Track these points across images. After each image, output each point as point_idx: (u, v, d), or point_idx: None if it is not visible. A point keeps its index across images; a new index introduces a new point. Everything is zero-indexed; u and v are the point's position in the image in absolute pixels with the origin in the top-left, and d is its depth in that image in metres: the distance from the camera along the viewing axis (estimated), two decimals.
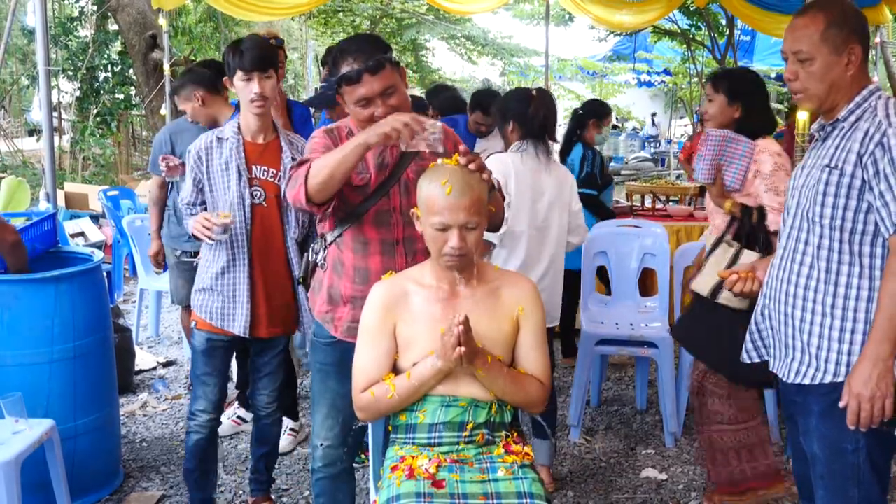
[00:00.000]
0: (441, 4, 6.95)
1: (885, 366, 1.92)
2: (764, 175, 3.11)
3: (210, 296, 2.96)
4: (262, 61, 2.86)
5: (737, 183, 3.15)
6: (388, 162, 2.44)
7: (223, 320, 2.96)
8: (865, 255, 2.02)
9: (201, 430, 3.02)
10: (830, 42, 2.03)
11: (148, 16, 8.69)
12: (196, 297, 3.01)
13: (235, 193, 2.90)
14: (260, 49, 2.88)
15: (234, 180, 2.91)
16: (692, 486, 3.56)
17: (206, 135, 2.99)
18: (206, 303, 2.97)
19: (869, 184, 1.97)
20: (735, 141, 3.14)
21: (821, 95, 2.08)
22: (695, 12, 11.05)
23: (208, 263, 2.98)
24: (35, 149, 12.19)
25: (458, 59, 18.99)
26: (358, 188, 2.42)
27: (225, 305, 2.95)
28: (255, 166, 2.94)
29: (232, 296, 2.94)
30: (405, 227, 2.44)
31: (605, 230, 4.51)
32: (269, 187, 2.96)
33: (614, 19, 7.27)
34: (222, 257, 2.93)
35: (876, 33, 7.35)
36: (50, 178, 4.18)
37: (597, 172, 4.96)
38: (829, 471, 2.10)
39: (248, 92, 2.86)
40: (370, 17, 15.93)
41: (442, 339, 2.09)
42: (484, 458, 2.20)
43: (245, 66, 2.84)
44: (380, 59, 2.30)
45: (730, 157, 3.14)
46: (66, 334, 3.18)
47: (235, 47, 2.90)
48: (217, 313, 2.96)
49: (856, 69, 2.05)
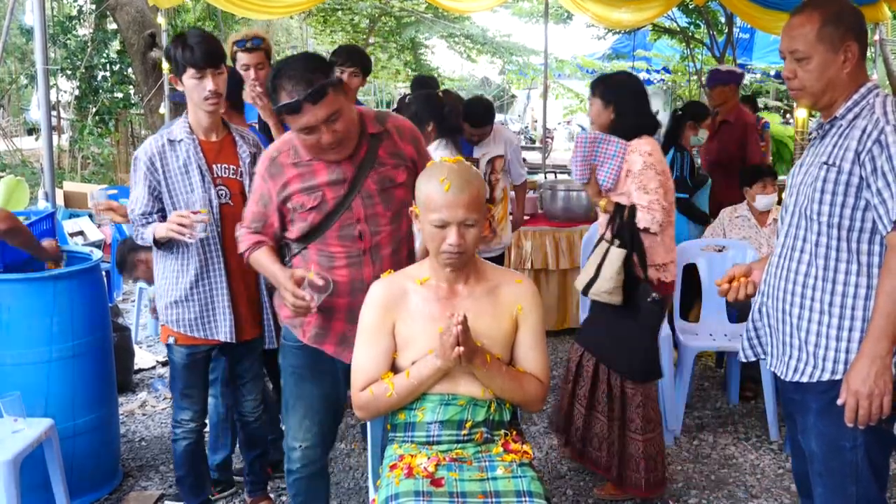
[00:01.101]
0: (440, 3, 6.94)
1: (882, 363, 1.92)
2: (634, 174, 3.19)
3: (185, 307, 2.84)
4: (214, 56, 2.73)
5: (609, 182, 3.25)
6: (346, 177, 2.42)
7: (204, 330, 2.86)
8: (863, 253, 2.02)
9: (189, 435, 2.99)
10: (826, 40, 2.03)
11: (147, 14, 8.68)
12: (169, 312, 2.86)
13: (201, 195, 2.79)
14: (209, 43, 2.75)
15: (196, 182, 2.79)
16: (691, 484, 3.56)
17: (155, 139, 2.84)
18: (182, 315, 2.85)
19: (867, 181, 1.97)
20: (606, 142, 3.24)
21: (818, 93, 2.08)
22: (694, 10, 11.04)
23: (176, 274, 2.84)
24: (34, 148, 12.18)
25: (458, 57, 19.00)
26: (314, 209, 2.42)
27: (204, 314, 2.85)
28: (216, 165, 2.84)
29: (210, 303, 2.85)
30: (371, 237, 2.45)
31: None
32: (233, 185, 2.87)
33: (613, 17, 7.27)
34: (193, 265, 2.81)
35: (875, 31, 7.35)
36: (49, 177, 4.17)
37: (686, 176, 4.95)
38: (827, 468, 2.10)
39: (202, 90, 2.72)
40: (369, 15, 15.92)
41: (441, 338, 2.09)
42: (483, 457, 2.20)
43: (197, 62, 2.69)
44: (321, 86, 2.22)
45: (602, 158, 3.24)
46: (65, 333, 3.18)
47: (183, 42, 2.72)
48: (196, 324, 2.85)
49: (853, 66, 2.05)
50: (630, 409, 3.24)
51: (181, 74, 2.74)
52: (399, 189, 2.48)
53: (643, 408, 3.23)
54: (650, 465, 3.24)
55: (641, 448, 3.23)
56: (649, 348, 3.22)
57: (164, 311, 2.89)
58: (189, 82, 2.73)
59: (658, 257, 3.27)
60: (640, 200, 3.16)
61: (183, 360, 2.92)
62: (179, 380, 2.96)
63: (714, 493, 3.49)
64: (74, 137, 11.28)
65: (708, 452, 3.89)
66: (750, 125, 5.40)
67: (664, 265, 3.30)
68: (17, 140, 13.44)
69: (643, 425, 3.23)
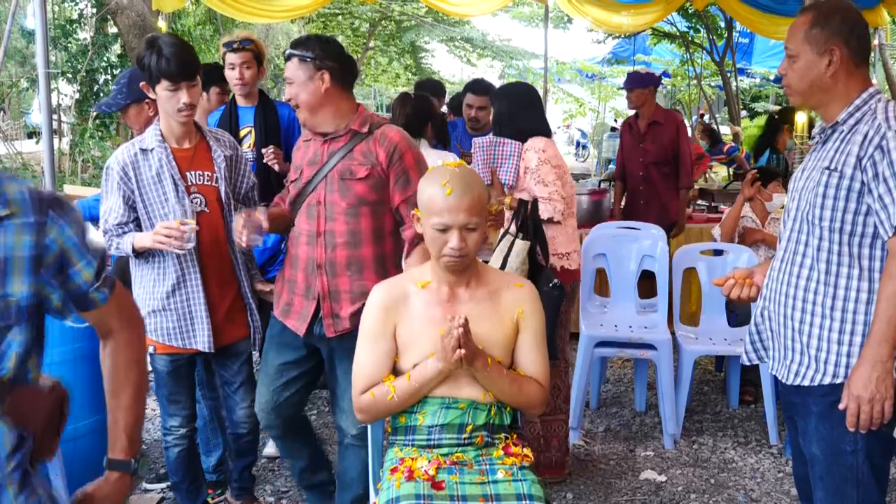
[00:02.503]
0: (440, 7, 6.96)
1: (884, 368, 1.93)
2: (531, 170, 3.40)
3: (163, 317, 2.81)
4: (190, 69, 2.67)
5: (510, 180, 3.47)
6: (320, 159, 2.68)
7: (183, 339, 2.83)
8: (865, 258, 2.03)
9: (180, 441, 2.97)
10: (812, 41, 2.06)
11: (147, 18, 8.69)
12: (147, 321, 2.79)
13: (174, 205, 2.75)
14: (185, 54, 2.67)
15: (170, 192, 2.75)
16: (691, 488, 3.56)
17: (126, 147, 2.79)
18: (160, 325, 2.82)
19: (868, 186, 1.98)
20: (502, 144, 3.48)
21: (802, 93, 2.13)
22: (693, 14, 11.07)
23: (154, 283, 2.80)
24: (35, 151, 12.18)
25: (458, 61, 19.02)
26: (294, 182, 2.75)
27: (182, 324, 2.82)
28: (189, 172, 2.80)
29: (188, 312, 2.81)
30: (326, 221, 2.65)
31: (603, 232, 4.52)
32: (209, 192, 2.83)
33: (613, 21, 7.28)
34: (170, 274, 2.78)
35: (874, 35, 7.36)
36: (49, 180, 4.18)
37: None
38: (828, 472, 2.10)
39: (176, 102, 2.68)
40: (369, 19, 15.94)
41: (442, 341, 2.09)
42: (483, 460, 2.20)
43: (173, 75, 2.64)
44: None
45: (500, 159, 3.47)
46: (65, 337, 3.18)
47: (158, 51, 2.63)
48: (175, 333, 2.83)
49: (838, 70, 2.06)
50: None
51: (154, 83, 2.68)
52: (358, 184, 2.64)
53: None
54: (548, 444, 3.49)
55: (540, 427, 3.47)
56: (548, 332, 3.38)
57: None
58: (163, 93, 2.69)
59: (561, 247, 3.44)
60: (541, 193, 3.36)
61: (166, 368, 2.89)
62: (164, 387, 2.93)
63: (714, 496, 3.49)
64: (75, 141, 11.27)
65: (707, 456, 3.89)
66: (681, 124, 5.56)
67: (567, 254, 3.47)
68: (18, 143, 13.44)
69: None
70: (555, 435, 3.52)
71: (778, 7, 6.88)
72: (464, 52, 18.22)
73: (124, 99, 3.20)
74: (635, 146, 5.54)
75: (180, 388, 2.94)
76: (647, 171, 5.46)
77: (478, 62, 18.56)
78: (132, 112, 3.23)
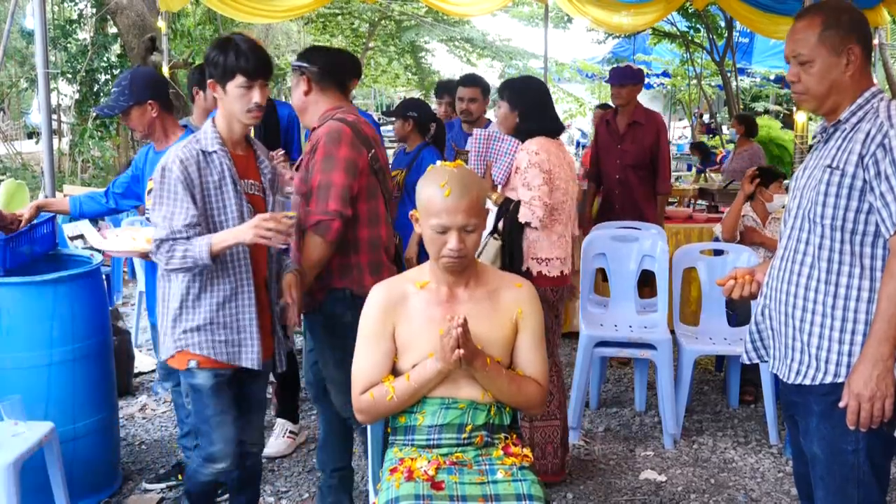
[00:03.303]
0: (440, 7, 6.96)
1: (884, 366, 1.92)
2: (520, 171, 3.37)
3: (210, 330, 2.57)
4: (267, 67, 2.56)
5: (500, 178, 3.43)
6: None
7: (229, 354, 2.60)
8: (866, 256, 2.03)
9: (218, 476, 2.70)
10: (828, 43, 2.04)
11: (147, 18, 8.69)
12: (191, 336, 2.56)
13: (235, 214, 2.56)
14: (262, 52, 2.57)
15: (231, 199, 2.56)
16: (691, 488, 3.56)
17: (185, 148, 2.54)
18: (206, 338, 2.57)
19: (870, 185, 1.98)
20: (500, 140, 3.42)
21: (821, 97, 2.10)
22: (693, 14, 11.06)
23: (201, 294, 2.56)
24: (34, 151, 12.19)
25: (458, 61, 19.01)
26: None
27: (231, 338, 2.60)
28: (243, 181, 2.62)
29: (237, 327, 2.60)
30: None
31: (603, 232, 4.52)
32: (257, 202, 2.66)
33: (613, 21, 7.28)
34: (224, 286, 2.57)
35: (875, 35, 7.36)
36: (49, 180, 4.18)
37: None
38: (828, 471, 2.10)
39: (247, 101, 2.53)
40: (369, 19, 15.94)
41: (441, 341, 2.09)
42: (483, 460, 2.20)
43: (251, 71, 2.50)
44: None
45: (496, 155, 3.43)
46: (65, 337, 3.18)
47: (236, 48, 2.50)
48: (222, 347, 2.59)
49: (855, 69, 2.05)
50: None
51: (226, 81, 2.51)
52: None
53: None
54: (543, 451, 3.46)
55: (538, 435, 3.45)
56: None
57: (181, 335, 2.57)
58: (235, 91, 2.52)
59: (542, 252, 3.41)
60: (524, 196, 3.34)
61: (210, 382, 2.60)
62: (209, 405, 2.62)
63: (714, 496, 3.49)
64: (75, 141, 11.27)
65: (708, 456, 3.89)
66: (662, 125, 5.21)
67: (547, 259, 3.42)
68: (18, 143, 13.45)
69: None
70: (549, 441, 3.50)
71: (778, 6, 6.88)
72: (464, 52, 18.22)
73: (126, 101, 3.17)
74: (613, 146, 5.15)
75: (225, 404, 2.64)
76: (624, 174, 5.07)
77: (478, 62, 18.56)
78: (135, 114, 3.20)
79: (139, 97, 3.13)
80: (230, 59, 2.51)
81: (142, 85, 3.15)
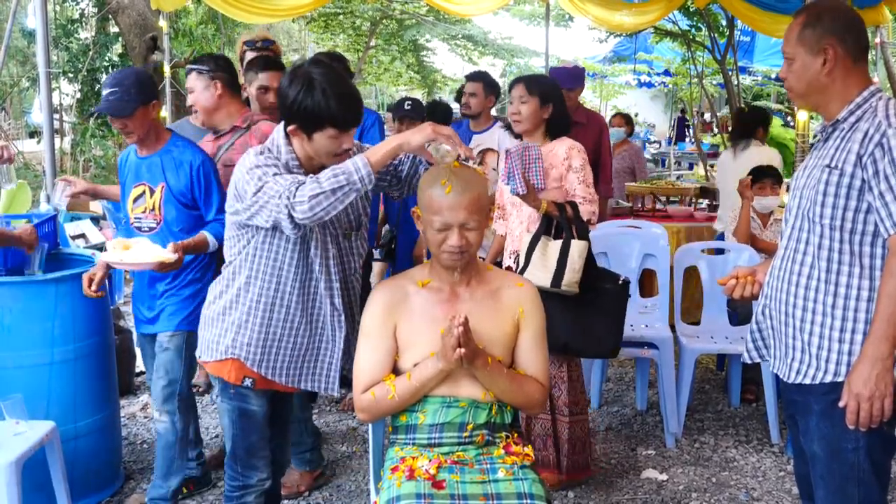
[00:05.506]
0: (441, 6, 6.95)
1: (884, 365, 1.93)
2: (576, 169, 3.37)
3: (281, 348, 2.42)
4: (360, 114, 2.31)
5: (541, 183, 3.31)
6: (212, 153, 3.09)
7: (298, 377, 2.45)
8: (866, 256, 2.03)
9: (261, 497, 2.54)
10: (805, 42, 2.07)
11: (148, 18, 8.70)
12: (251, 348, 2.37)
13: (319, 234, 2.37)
14: (357, 100, 2.30)
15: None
16: (693, 487, 3.56)
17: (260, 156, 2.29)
18: (273, 356, 2.41)
19: (869, 184, 1.98)
20: (529, 149, 3.32)
21: (802, 94, 2.14)
22: (695, 13, 11.03)
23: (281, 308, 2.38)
24: (36, 151, 12.18)
25: (459, 59, 19.00)
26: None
27: (303, 358, 2.46)
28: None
29: (315, 346, 2.46)
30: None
31: (605, 231, 4.51)
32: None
33: (614, 20, 7.27)
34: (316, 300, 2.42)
35: (876, 34, 7.35)
36: (51, 179, 4.20)
37: None
38: (829, 470, 2.10)
39: (337, 147, 2.26)
40: (370, 18, 15.93)
41: (442, 340, 2.09)
42: (484, 459, 2.20)
43: (346, 124, 2.25)
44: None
45: (529, 164, 3.32)
46: (67, 336, 3.19)
47: (323, 91, 2.19)
48: (289, 369, 2.45)
49: (836, 69, 2.06)
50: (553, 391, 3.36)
51: (312, 130, 2.24)
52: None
53: (568, 390, 3.37)
54: (574, 447, 3.39)
55: (567, 430, 3.38)
56: (617, 329, 3.38)
57: (240, 345, 2.38)
58: (322, 140, 2.25)
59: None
60: (583, 194, 3.34)
61: (263, 408, 2.42)
62: (255, 432, 2.43)
63: (715, 495, 3.49)
64: (76, 140, 11.29)
65: (709, 455, 3.89)
66: (604, 126, 5.05)
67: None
68: (19, 143, 13.45)
69: (570, 407, 3.37)
70: (579, 437, 3.43)
71: (779, 5, 6.87)
72: (465, 51, 18.21)
73: (134, 104, 3.06)
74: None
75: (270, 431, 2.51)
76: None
77: (479, 60, 18.56)
78: (138, 114, 3.14)
79: (146, 98, 3.07)
80: (320, 107, 2.20)
81: (149, 85, 3.12)
